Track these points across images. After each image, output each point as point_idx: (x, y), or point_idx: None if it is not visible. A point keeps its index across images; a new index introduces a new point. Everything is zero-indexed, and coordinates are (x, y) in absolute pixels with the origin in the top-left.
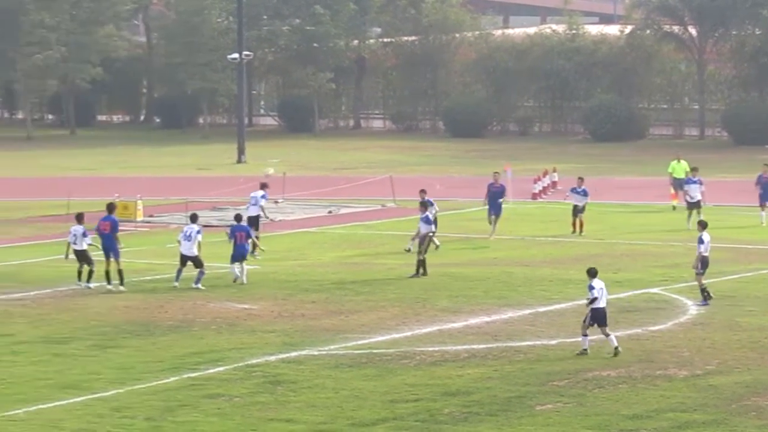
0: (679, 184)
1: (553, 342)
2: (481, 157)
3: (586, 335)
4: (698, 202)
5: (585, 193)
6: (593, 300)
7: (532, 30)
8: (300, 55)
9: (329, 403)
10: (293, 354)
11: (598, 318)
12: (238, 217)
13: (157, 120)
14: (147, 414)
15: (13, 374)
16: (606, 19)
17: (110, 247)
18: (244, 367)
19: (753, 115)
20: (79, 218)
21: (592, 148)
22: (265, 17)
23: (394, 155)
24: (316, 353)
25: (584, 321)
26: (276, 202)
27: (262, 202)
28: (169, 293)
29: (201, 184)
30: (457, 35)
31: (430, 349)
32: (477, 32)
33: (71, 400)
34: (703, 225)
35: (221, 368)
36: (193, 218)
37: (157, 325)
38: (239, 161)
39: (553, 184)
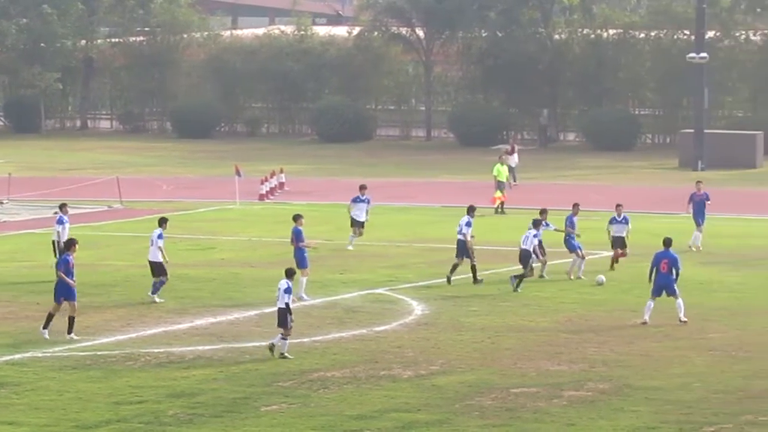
0: (501, 186)
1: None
2: (209, 158)
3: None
4: (362, 222)
5: (626, 221)
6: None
7: (260, 31)
8: (27, 55)
9: (53, 406)
10: (17, 356)
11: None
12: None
13: None
14: None
15: None
16: (335, 20)
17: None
18: None
19: (478, 117)
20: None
21: (321, 149)
22: None
23: (121, 156)
24: (40, 355)
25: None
26: (1, 203)
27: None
28: None
29: None
30: (186, 36)
31: (156, 350)
32: (205, 33)
33: None
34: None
35: None
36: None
37: None
38: None
39: (281, 185)
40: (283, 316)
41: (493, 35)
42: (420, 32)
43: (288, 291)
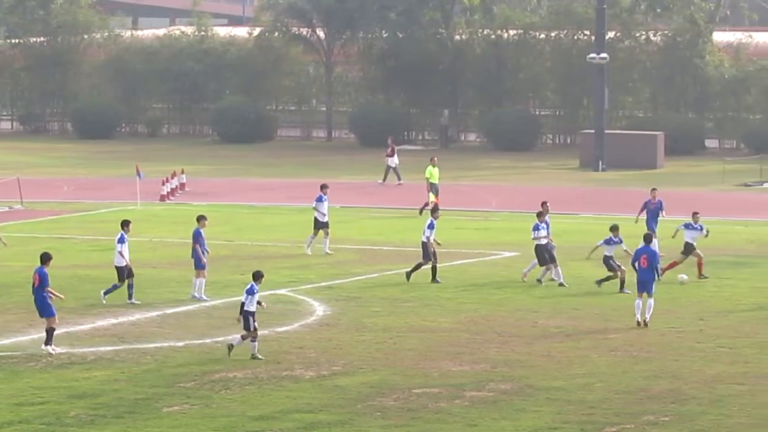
0: (435, 189)
1: (181, 344)
2: (110, 159)
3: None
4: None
5: (701, 228)
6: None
7: (161, 31)
8: None
9: None
10: None
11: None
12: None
13: None
14: None
15: None
16: (235, 21)
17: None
18: None
19: (379, 117)
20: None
21: (222, 149)
22: None
23: (22, 156)
24: None
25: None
26: None
27: None
28: None
29: None
30: (86, 36)
31: (57, 351)
32: (106, 33)
33: None
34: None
35: None
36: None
37: None
38: None
39: (182, 185)
40: (246, 319)
41: (393, 36)
42: (321, 33)
43: (250, 292)
